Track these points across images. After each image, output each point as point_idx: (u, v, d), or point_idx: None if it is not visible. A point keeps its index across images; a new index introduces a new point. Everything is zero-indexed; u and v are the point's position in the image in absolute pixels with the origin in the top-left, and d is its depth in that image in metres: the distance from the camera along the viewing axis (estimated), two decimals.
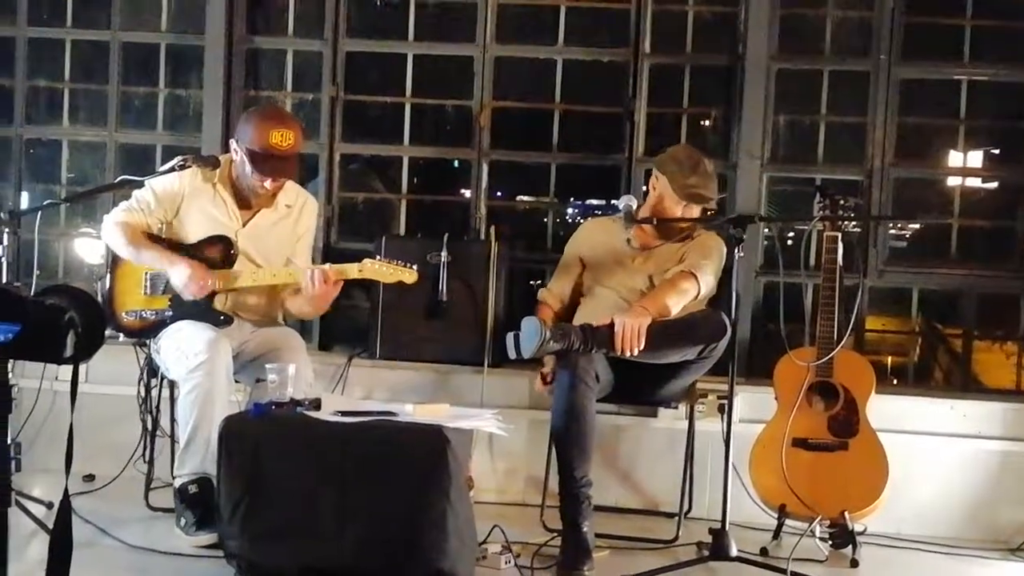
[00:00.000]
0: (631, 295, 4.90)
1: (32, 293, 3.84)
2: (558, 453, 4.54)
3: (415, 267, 4.64)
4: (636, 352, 4.44)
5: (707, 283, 4.78)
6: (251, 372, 4.68)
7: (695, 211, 4.88)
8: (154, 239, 4.77)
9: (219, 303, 4.74)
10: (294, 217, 4.91)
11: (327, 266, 4.62)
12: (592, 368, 4.50)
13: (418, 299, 5.45)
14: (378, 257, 4.66)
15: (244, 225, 4.81)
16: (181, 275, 4.62)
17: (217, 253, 4.72)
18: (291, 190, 4.94)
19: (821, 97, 5.87)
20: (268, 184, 4.69)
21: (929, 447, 5.25)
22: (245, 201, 4.80)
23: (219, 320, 4.69)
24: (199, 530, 4.41)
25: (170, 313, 4.72)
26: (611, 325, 4.45)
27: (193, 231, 4.78)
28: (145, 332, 4.78)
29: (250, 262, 4.78)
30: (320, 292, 4.56)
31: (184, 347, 4.54)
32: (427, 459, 3.75)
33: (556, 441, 4.55)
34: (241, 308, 4.83)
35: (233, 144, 4.76)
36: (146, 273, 4.79)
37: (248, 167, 4.67)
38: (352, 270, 4.63)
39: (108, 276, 4.87)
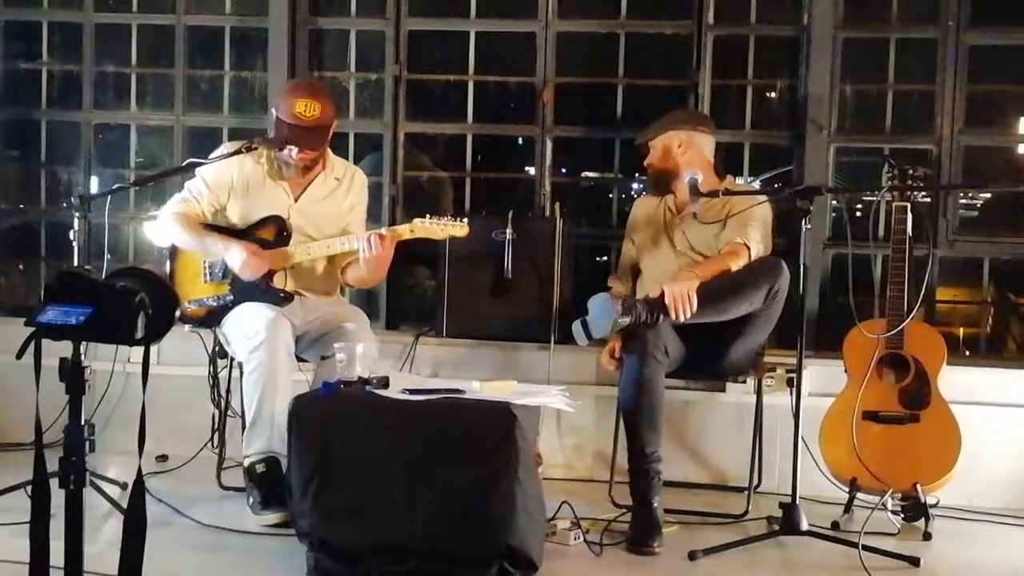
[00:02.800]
0: (679, 264, 4.90)
1: (103, 276, 3.88)
2: (627, 428, 4.53)
3: (465, 220, 4.67)
4: (690, 314, 4.42)
5: (757, 249, 4.75)
6: (316, 350, 4.72)
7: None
8: (209, 227, 4.84)
9: (279, 281, 4.79)
10: (344, 189, 4.97)
11: (383, 229, 4.65)
12: (661, 342, 4.50)
13: (484, 277, 5.47)
14: (428, 215, 4.68)
15: (296, 200, 4.85)
16: (236, 258, 4.68)
17: (271, 233, 4.78)
18: (339, 164, 5.02)
19: (888, 65, 5.78)
20: (294, 155, 4.73)
21: (1002, 418, 5.20)
22: (294, 177, 4.85)
23: (280, 298, 4.73)
24: (264, 509, 4.47)
25: (231, 297, 4.77)
26: (662, 295, 4.45)
27: (248, 213, 4.84)
28: (209, 320, 4.84)
29: (305, 236, 4.83)
30: (376, 255, 4.60)
31: (245, 328, 4.61)
32: (495, 436, 3.76)
33: (626, 416, 4.55)
34: (301, 285, 4.88)
35: (273, 115, 4.81)
36: (204, 261, 4.85)
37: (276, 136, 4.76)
38: (404, 231, 4.68)
39: (168, 267, 4.92)
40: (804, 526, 4.25)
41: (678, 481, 5.15)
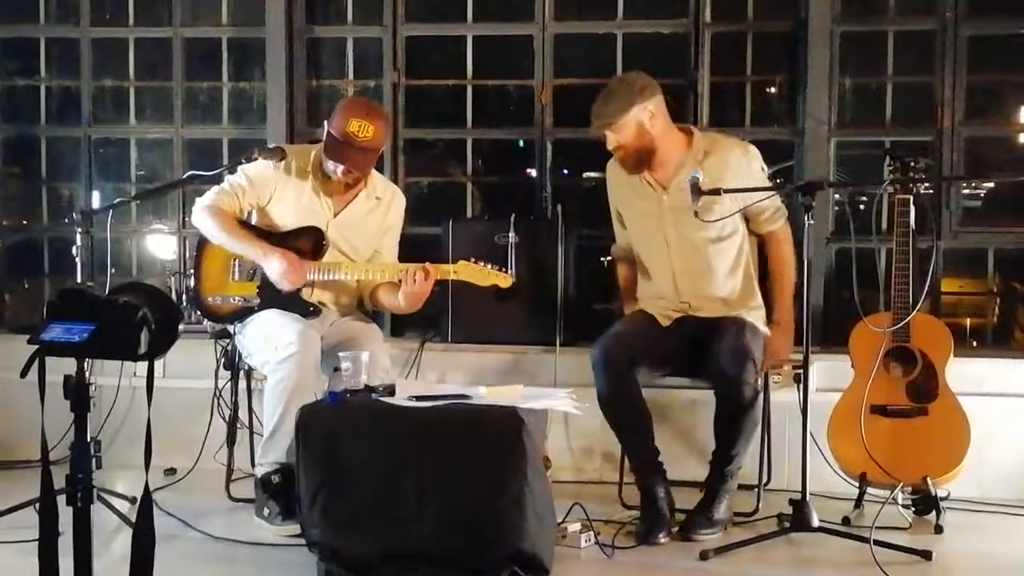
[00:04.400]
0: (674, 263, 4.82)
1: (106, 292, 3.88)
2: (615, 434, 4.68)
3: (511, 272, 4.67)
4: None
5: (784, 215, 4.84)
6: (329, 361, 4.69)
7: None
8: (245, 225, 4.80)
9: (306, 294, 4.76)
10: (383, 210, 4.94)
11: (428, 264, 4.63)
12: (627, 353, 4.58)
13: None
14: (473, 260, 4.65)
15: (336, 215, 4.83)
16: (275, 268, 4.63)
17: (307, 244, 4.73)
18: (381, 183, 4.99)
19: (887, 58, 5.78)
20: (340, 172, 4.70)
21: (1011, 409, 5.19)
22: (338, 194, 4.83)
23: (308, 311, 4.71)
24: (286, 520, 4.45)
25: (258, 301, 4.74)
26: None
27: (285, 220, 4.80)
28: (230, 317, 4.80)
29: (339, 253, 4.81)
30: (418, 290, 4.58)
31: (273, 337, 4.57)
32: (503, 441, 3.75)
33: (609, 424, 4.66)
34: (328, 298, 4.86)
35: (326, 128, 4.79)
36: (234, 258, 4.80)
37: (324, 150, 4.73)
38: (447, 271, 4.65)
39: (195, 258, 4.89)
40: (815, 522, 4.24)
41: (687, 480, 5.10)
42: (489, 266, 4.64)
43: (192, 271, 4.92)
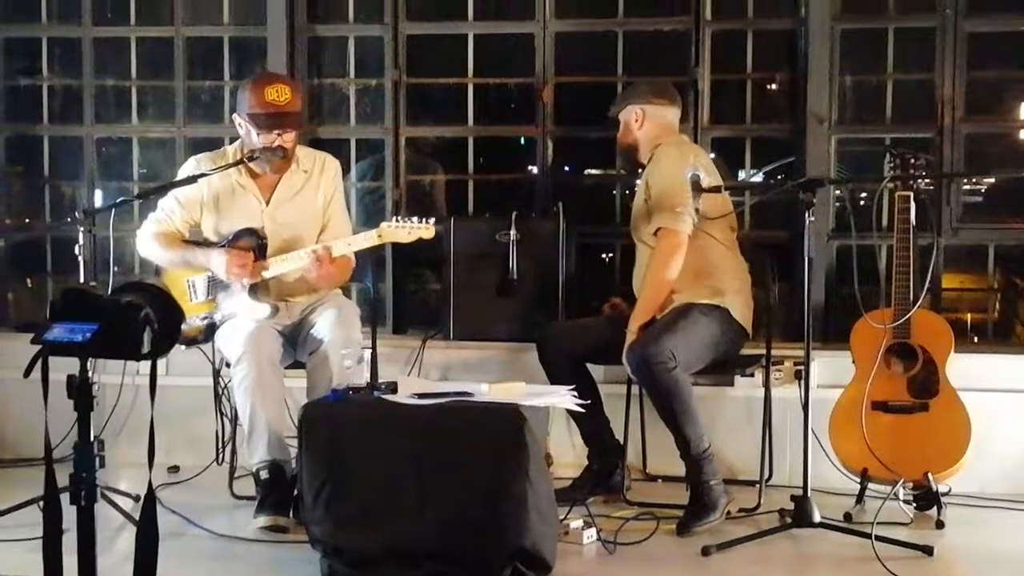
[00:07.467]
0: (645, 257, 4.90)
1: (109, 291, 3.89)
2: None
3: (431, 221, 4.67)
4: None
5: (684, 222, 4.66)
6: (305, 349, 4.74)
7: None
8: (185, 242, 4.86)
9: (263, 294, 4.78)
10: (315, 181, 4.92)
11: (319, 247, 4.66)
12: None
13: (489, 278, 5.48)
14: (395, 219, 4.66)
15: (268, 203, 4.84)
16: (220, 264, 4.68)
17: (248, 245, 4.74)
18: (306, 156, 4.96)
19: (887, 55, 5.78)
20: (279, 142, 4.72)
21: (1011, 404, 5.18)
22: (262, 178, 4.84)
23: (266, 312, 4.74)
24: (259, 513, 4.50)
25: (219, 314, 4.77)
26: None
27: (222, 227, 4.83)
28: (200, 337, 4.83)
29: (283, 241, 4.79)
30: (321, 275, 4.65)
31: (229, 342, 4.64)
32: (505, 438, 3.76)
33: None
34: (285, 292, 4.86)
35: (236, 119, 4.83)
36: (187, 280, 4.84)
37: (253, 133, 4.74)
38: (371, 237, 4.67)
39: None
40: (816, 518, 4.26)
41: None
42: (412, 220, 4.64)
43: None
